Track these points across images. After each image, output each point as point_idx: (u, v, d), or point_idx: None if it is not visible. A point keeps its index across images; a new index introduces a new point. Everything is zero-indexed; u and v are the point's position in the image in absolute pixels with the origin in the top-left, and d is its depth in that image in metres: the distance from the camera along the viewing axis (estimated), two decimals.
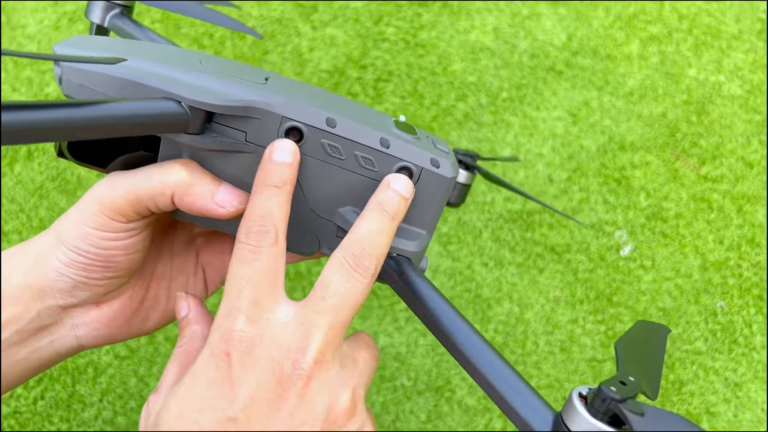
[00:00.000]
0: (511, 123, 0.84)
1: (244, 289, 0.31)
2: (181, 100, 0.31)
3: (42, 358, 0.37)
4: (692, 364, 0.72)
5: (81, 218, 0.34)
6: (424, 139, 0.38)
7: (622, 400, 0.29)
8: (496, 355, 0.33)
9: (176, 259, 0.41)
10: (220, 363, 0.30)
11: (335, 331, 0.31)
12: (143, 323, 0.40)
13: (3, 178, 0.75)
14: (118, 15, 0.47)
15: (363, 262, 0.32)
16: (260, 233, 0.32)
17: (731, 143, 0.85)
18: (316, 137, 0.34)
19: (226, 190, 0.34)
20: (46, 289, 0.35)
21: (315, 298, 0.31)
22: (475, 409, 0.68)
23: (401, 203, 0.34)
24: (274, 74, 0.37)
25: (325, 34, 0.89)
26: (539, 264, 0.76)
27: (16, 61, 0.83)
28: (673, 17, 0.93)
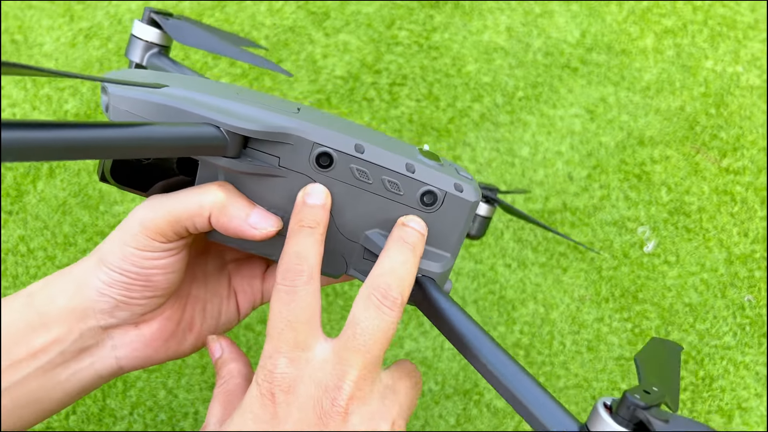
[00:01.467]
0: (528, 122, 0.84)
1: (284, 330, 0.33)
2: (219, 125, 0.33)
3: (83, 380, 0.38)
4: (722, 359, 0.71)
5: (123, 239, 0.35)
6: (447, 166, 0.39)
7: (647, 407, 0.30)
8: (522, 371, 0.34)
9: (210, 283, 0.43)
10: (266, 402, 0.32)
11: (369, 366, 0.33)
12: (180, 345, 0.41)
13: (27, 195, 0.76)
14: (156, 54, 0.50)
15: (390, 294, 0.33)
16: (294, 272, 0.33)
17: (752, 134, 0.84)
18: (346, 162, 0.36)
19: (259, 212, 0.36)
20: (88, 310, 0.36)
21: (347, 336, 0.33)
22: (504, 411, 0.68)
23: (419, 236, 0.36)
24: (304, 106, 0.39)
25: (338, 41, 0.89)
26: (563, 263, 0.76)
27: (35, 79, 0.83)
28: (687, 9, 0.92)
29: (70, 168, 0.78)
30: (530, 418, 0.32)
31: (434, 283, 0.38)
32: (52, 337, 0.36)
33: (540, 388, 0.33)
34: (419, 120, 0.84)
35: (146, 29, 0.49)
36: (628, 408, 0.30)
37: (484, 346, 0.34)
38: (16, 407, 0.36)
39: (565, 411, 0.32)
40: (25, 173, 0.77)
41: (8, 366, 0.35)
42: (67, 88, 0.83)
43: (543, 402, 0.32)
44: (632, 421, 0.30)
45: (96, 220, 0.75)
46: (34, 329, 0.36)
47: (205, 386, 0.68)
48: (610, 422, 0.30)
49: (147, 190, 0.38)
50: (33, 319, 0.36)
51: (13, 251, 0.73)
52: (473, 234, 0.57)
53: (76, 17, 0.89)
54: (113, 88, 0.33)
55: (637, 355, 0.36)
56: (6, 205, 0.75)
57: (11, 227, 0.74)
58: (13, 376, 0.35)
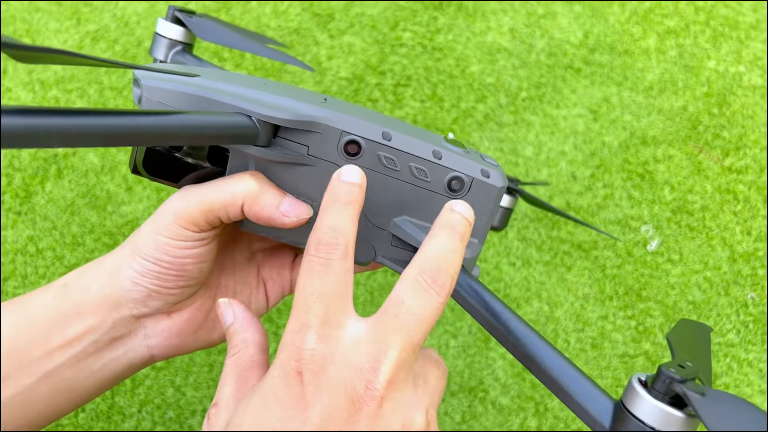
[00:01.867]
0: (531, 122, 0.85)
1: (314, 304, 0.31)
2: (251, 114, 0.33)
3: (116, 369, 0.38)
4: (725, 356, 0.72)
5: (156, 229, 0.36)
6: (473, 153, 0.40)
7: (683, 381, 0.29)
8: (554, 351, 0.34)
9: (239, 273, 0.43)
10: (292, 382, 0.30)
11: (409, 350, 0.30)
12: (209, 334, 0.41)
13: (35, 196, 0.77)
14: (180, 51, 0.51)
15: (440, 278, 0.32)
16: (330, 245, 0.32)
17: (754, 133, 0.84)
18: (373, 150, 0.36)
19: (290, 200, 0.36)
20: (121, 299, 0.37)
21: (388, 315, 0.31)
22: (510, 408, 0.69)
23: (467, 225, 0.35)
24: (331, 97, 0.40)
25: (342, 42, 0.90)
26: (567, 262, 0.76)
27: (43, 81, 0.84)
28: (690, 10, 0.93)
29: (78, 169, 0.79)
30: (565, 397, 0.32)
31: (464, 268, 0.38)
32: (86, 326, 0.36)
33: (574, 368, 0.33)
34: (423, 120, 0.85)
35: (170, 27, 0.50)
36: (664, 382, 0.30)
37: (517, 329, 0.34)
38: (52, 395, 0.37)
39: (599, 389, 0.32)
40: (34, 174, 0.78)
41: (43, 355, 0.36)
42: (74, 90, 0.84)
43: (578, 381, 0.32)
44: (668, 395, 0.30)
45: (104, 220, 0.76)
46: (69, 318, 0.36)
47: (213, 384, 0.69)
48: (647, 396, 0.30)
49: (178, 182, 0.39)
50: (67, 309, 0.36)
51: (22, 251, 0.74)
52: (496, 225, 0.56)
53: (83, 20, 0.90)
54: (146, 81, 0.34)
55: (669, 334, 0.36)
56: (15, 205, 0.76)
57: (20, 228, 0.75)
58: (48, 364, 0.36)
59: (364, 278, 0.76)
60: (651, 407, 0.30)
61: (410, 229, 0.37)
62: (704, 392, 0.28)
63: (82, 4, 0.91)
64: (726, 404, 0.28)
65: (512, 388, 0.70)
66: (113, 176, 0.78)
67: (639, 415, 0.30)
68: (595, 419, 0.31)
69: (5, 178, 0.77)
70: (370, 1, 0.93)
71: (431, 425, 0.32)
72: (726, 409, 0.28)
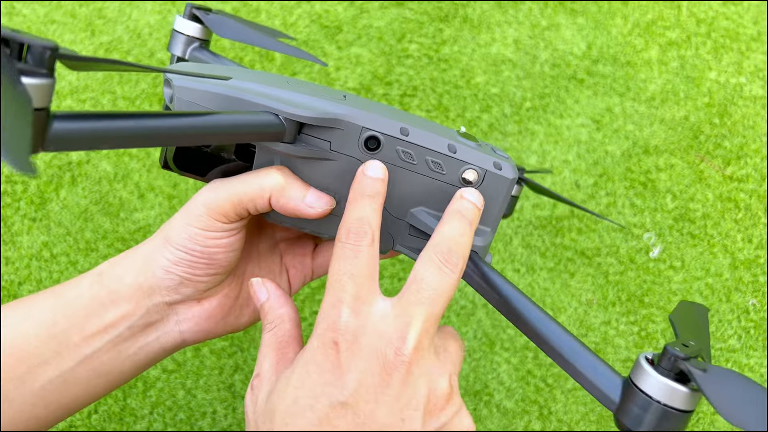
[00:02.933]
0: (535, 132, 0.86)
1: (347, 283, 0.34)
2: (278, 113, 0.36)
3: (150, 353, 0.40)
4: (726, 361, 0.73)
5: (187, 221, 0.38)
6: (485, 146, 0.42)
7: (687, 358, 0.31)
8: (565, 332, 0.36)
9: (263, 262, 0.45)
10: (329, 351, 0.33)
11: (431, 321, 0.34)
12: (237, 319, 0.43)
13: (50, 203, 0.78)
14: (197, 48, 0.52)
15: (452, 258, 0.35)
16: (359, 233, 0.35)
17: (755, 143, 0.86)
18: (392, 145, 0.38)
19: (314, 193, 0.38)
20: (154, 287, 0.39)
21: (410, 291, 0.34)
22: (514, 411, 0.70)
23: (476, 211, 0.38)
24: (350, 94, 0.42)
25: (350, 54, 0.92)
26: (570, 268, 0.77)
27: (58, 92, 0.86)
28: (691, 22, 0.95)
29: (92, 176, 0.80)
30: (577, 374, 0.35)
31: (477, 256, 0.40)
32: (121, 312, 0.38)
33: (585, 347, 0.35)
34: None
35: (188, 24, 0.52)
36: (669, 359, 0.32)
37: (529, 311, 0.37)
38: (90, 378, 0.39)
39: (609, 366, 0.35)
40: (49, 181, 0.80)
41: (81, 340, 0.38)
42: (88, 99, 0.86)
43: (588, 359, 0.35)
44: (673, 371, 0.32)
45: (117, 226, 0.78)
46: (104, 306, 0.38)
47: (223, 387, 0.70)
48: (653, 373, 0.32)
49: (205, 176, 0.41)
50: (103, 296, 0.38)
51: (36, 256, 0.76)
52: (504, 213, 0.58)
53: (97, 32, 0.92)
54: (178, 81, 0.36)
55: (671, 315, 0.38)
56: (30, 212, 0.78)
57: (35, 233, 0.77)
58: (86, 349, 0.38)
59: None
60: (657, 383, 0.32)
61: (427, 219, 0.40)
62: (706, 368, 0.31)
63: (95, 16, 0.93)
64: (727, 379, 0.30)
65: (516, 392, 0.71)
66: (126, 184, 0.80)
67: (646, 390, 0.32)
68: (606, 395, 0.34)
69: (21, 185, 0.79)
70: (377, 14, 0.95)
71: (454, 389, 0.35)
72: (727, 384, 0.30)
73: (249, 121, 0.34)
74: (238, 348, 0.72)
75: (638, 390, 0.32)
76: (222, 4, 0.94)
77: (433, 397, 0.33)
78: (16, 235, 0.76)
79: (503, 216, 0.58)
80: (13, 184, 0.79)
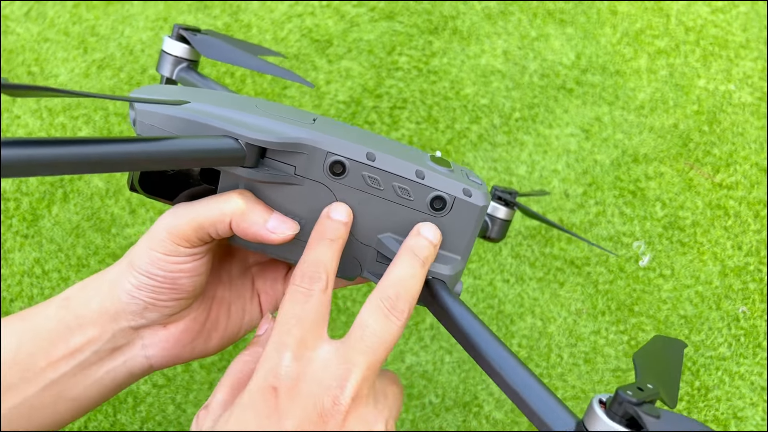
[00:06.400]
0: (525, 142, 0.87)
1: (293, 327, 0.34)
2: (238, 138, 0.35)
3: (116, 378, 0.40)
4: (717, 369, 0.72)
5: (150, 245, 0.38)
6: (458, 172, 0.41)
7: (639, 404, 0.30)
8: (524, 368, 0.35)
9: (234, 286, 0.45)
10: (268, 396, 0.33)
11: (372, 369, 0.34)
12: (206, 344, 0.43)
13: (42, 219, 0.79)
14: (185, 69, 0.52)
15: (398, 305, 0.35)
16: (313, 278, 0.35)
17: (744, 150, 0.86)
18: (358, 170, 0.38)
19: (277, 218, 0.38)
20: (119, 311, 0.39)
21: (354, 338, 0.34)
22: (503, 422, 0.70)
23: (430, 248, 0.38)
24: (321, 117, 0.41)
25: (340, 67, 0.93)
26: (559, 278, 0.78)
27: (51, 109, 0.87)
28: (680, 30, 0.95)
29: (84, 193, 0.81)
30: (531, 414, 0.33)
31: (444, 285, 0.39)
32: (88, 337, 0.38)
33: (542, 386, 0.34)
34: (419, 142, 0.87)
35: (175, 45, 0.52)
36: (620, 404, 0.30)
37: (489, 346, 0.36)
38: (56, 403, 0.39)
39: (565, 408, 0.33)
40: (41, 198, 0.80)
41: (47, 365, 0.38)
42: (80, 116, 0.87)
43: (544, 399, 0.33)
44: (624, 417, 0.30)
45: (108, 242, 0.78)
46: (71, 330, 0.38)
47: None
48: (604, 418, 0.31)
49: (173, 199, 0.41)
50: (70, 321, 0.38)
51: (28, 273, 0.76)
52: (494, 237, 0.57)
53: (90, 49, 0.93)
54: (140, 105, 0.36)
55: (636, 353, 0.36)
56: (22, 229, 0.78)
57: (27, 250, 0.77)
58: (52, 374, 0.38)
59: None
60: (606, 427, 0.30)
61: (394, 246, 0.39)
62: (659, 415, 0.29)
63: (88, 33, 0.94)
64: (680, 425, 0.29)
65: (506, 403, 0.71)
66: (117, 199, 0.81)
67: None
68: None
69: (13, 203, 0.80)
70: (368, 27, 0.95)
71: None
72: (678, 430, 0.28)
73: (206, 146, 0.34)
74: (228, 362, 0.72)
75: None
76: (213, 20, 0.95)
77: None
78: (8, 252, 0.77)
79: (495, 240, 0.57)
80: (5, 201, 0.80)
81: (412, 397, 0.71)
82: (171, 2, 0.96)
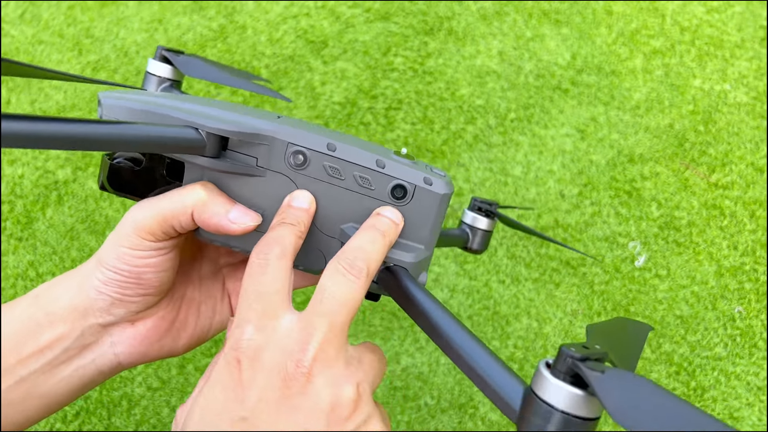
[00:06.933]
0: (520, 142, 0.86)
1: (253, 301, 0.34)
2: (198, 127, 0.36)
3: (85, 376, 0.40)
4: (713, 369, 0.72)
5: (117, 240, 0.38)
6: (421, 164, 0.41)
7: (582, 359, 0.29)
8: (477, 342, 0.35)
9: (204, 285, 0.45)
10: (232, 369, 0.33)
11: (335, 330, 0.34)
12: (174, 343, 0.43)
13: (36, 222, 0.79)
14: (167, 87, 0.54)
15: (356, 263, 0.35)
16: (268, 247, 0.35)
17: (740, 150, 0.86)
18: (319, 160, 0.38)
19: (239, 209, 0.38)
20: (88, 308, 0.39)
21: (314, 302, 0.34)
22: (499, 423, 0.70)
23: (390, 224, 0.38)
24: (286, 116, 0.42)
25: (336, 68, 0.92)
26: (555, 278, 0.77)
27: (45, 111, 0.87)
28: (675, 30, 0.95)
29: (78, 195, 0.81)
30: (483, 385, 0.33)
31: (407, 272, 0.40)
32: (57, 334, 0.38)
33: (491, 355, 0.34)
34: (414, 142, 0.87)
35: (158, 66, 0.54)
36: (564, 360, 0.29)
37: (445, 323, 0.36)
38: (24, 400, 0.39)
39: (513, 374, 0.33)
40: (35, 201, 0.80)
41: (17, 362, 0.38)
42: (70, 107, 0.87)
43: (492, 366, 0.33)
44: (568, 374, 0.29)
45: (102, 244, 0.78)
46: (41, 327, 0.38)
47: None
48: (549, 376, 0.30)
49: (143, 197, 0.41)
50: (39, 318, 0.38)
51: (22, 276, 0.76)
52: (475, 248, 0.58)
53: (85, 51, 0.93)
54: (105, 99, 0.37)
55: (589, 325, 0.35)
56: (16, 231, 0.78)
57: (21, 253, 0.77)
58: (21, 371, 0.38)
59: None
60: (555, 388, 0.30)
61: None
62: (603, 371, 0.28)
63: (83, 35, 0.94)
64: (625, 381, 0.28)
65: None
66: (111, 202, 0.80)
67: (545, 397, 0.30)
68: (507, 403, 0.32)
69: (7, 205, 0.80)
70: (363, 28, 0.95)
71: (362, 398, 0.34)
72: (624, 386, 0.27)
73: (167, 133, 0.35)
74: None
75: (537, 398, 0.30)
76: (208, 21, 0.95)
77: (337, 406, 0.33)
78: (2, 255, 0.77)
79: (477, 252, 0.58)
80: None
81: (408, 399, 0.71)
82: (166, 4, 0.96)
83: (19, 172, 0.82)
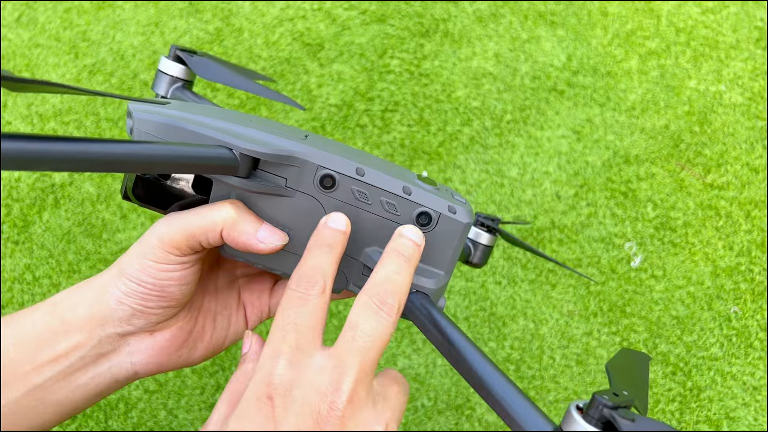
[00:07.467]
0: (516, 144, 0.87)
1: (289, 333, 0.34)
2: (233, 148, 0.36)
3: (101, 384, 0.40)
4: (709, 370, 0.73)
5: (142, 252, 0.38)
6: (443, 191, 0.42)
7: (614, 408, 0.31)
8: (505, 378, 0.35)
9: (220, 296, 0.45)
10: (263, 405, 0.33)
11: (366, 369, 0.34)
12: (191, 353, 0.43)
13: (33, 226, 0.79)
14: (179, 88, 0.54)
15: (387, 300, 0.35)
16: (310, 282, 0.35)
17: (735, 150, 0.86)
18: (347, 184, 0.39)
19: (267, 228, 0.38)
20: (107, 318, 0.39)
21: (345, 339, 0.34)
22: (496, 425, 0.70)
23: (414, 247, 0.38)
24: (312, 134, 0.42)
25: (332, 70, 0.93)
26: (551, 279, 0.78)
27: (41, 114, 0.87)
28: (671, 31, 0.95)
29: (75, 198, 0.81)
30: (510, 420, 0.34)
31: (428, 298, 0.40)
32: (74, 342, 0.39)
33: (520, 393, 0.35)
34: (411, 144, 0.87)
35: (171, 65, 0.53)
36: (597, 408, 0.31)
37: (472, 357, 0.36)
38: (39, 407, 0.39)
39: (542, 414, 0.34)
40: (32, 204, 0.80)
41: (32, 369, 0.38)
42: (72, 122, 0.87)
43: (522, 405, 0.34)
44: (601, 420, 0.31)
45: (99, 248, 0.78)
46: (57, 335, 0.38)
47: (204, 407, 0.70)
48: (581, 422, 0.32)
49: (166, 208, 0.41)
50: (56, 326, 0.39)
51: (19, 279, 0.76)
52: (476, 262, 0.59)
53: (81, 54, 0.93)
54: (138, 114, 0.36)
55: (608, 363, 0.38)
56: (13, 235, 0.78)
57: (18, 257, 0.77)
58: (37, 378, 0.38)
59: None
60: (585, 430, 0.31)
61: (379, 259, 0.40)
62: (634, 419, 0.30)
63: (79, 39, 0.94)
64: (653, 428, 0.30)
65: None
66: (108, 205, 0.80)
67: None
68: None
69: (4, 209, 0.80)
70: (359, 30, 0.95)
71: None
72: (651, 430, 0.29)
73: (202, 154, 0.35)
74: (219, 367, 0.72)
75: None
76: (204, 25, 0.95)
77: None
78: None
79: (478, 265, 0.58)
80: None
81: None
82: (162, 7, 0.96)
83: (15, 176, 0.82)
